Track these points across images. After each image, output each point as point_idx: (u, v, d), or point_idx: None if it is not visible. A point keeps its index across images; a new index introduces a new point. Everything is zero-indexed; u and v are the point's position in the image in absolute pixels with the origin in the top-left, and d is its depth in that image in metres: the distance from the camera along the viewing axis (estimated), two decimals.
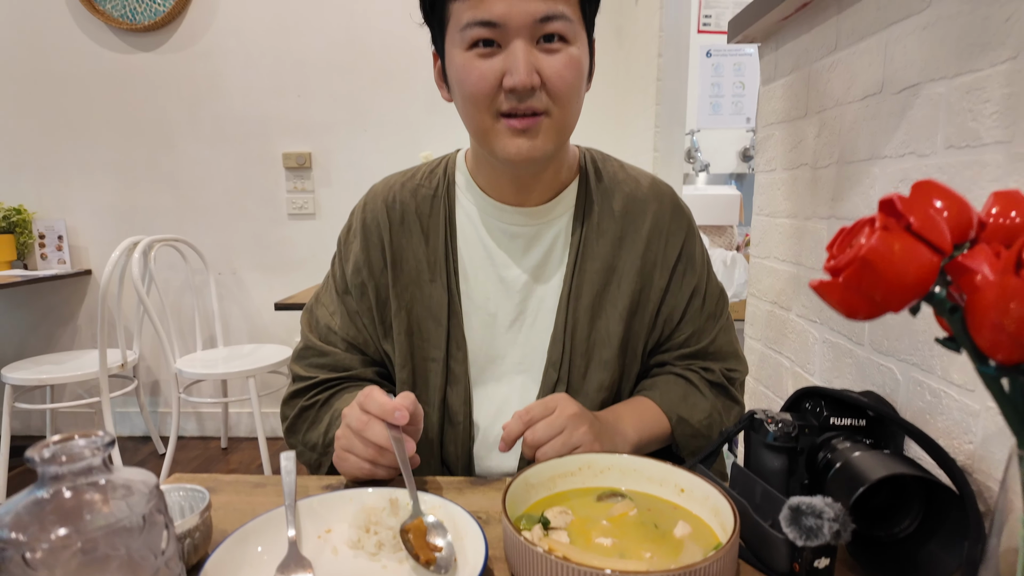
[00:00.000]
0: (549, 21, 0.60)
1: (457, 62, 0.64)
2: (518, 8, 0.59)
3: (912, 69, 0.62)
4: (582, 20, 0.64)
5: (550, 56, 0.62)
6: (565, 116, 0.65)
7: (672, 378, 0.77)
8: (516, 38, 0.60)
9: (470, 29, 0.61)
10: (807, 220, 0.87)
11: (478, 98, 0.63)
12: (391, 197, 0.78)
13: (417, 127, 2.58)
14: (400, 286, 0.76)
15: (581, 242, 0.75)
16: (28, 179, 2.66)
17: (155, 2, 2.53)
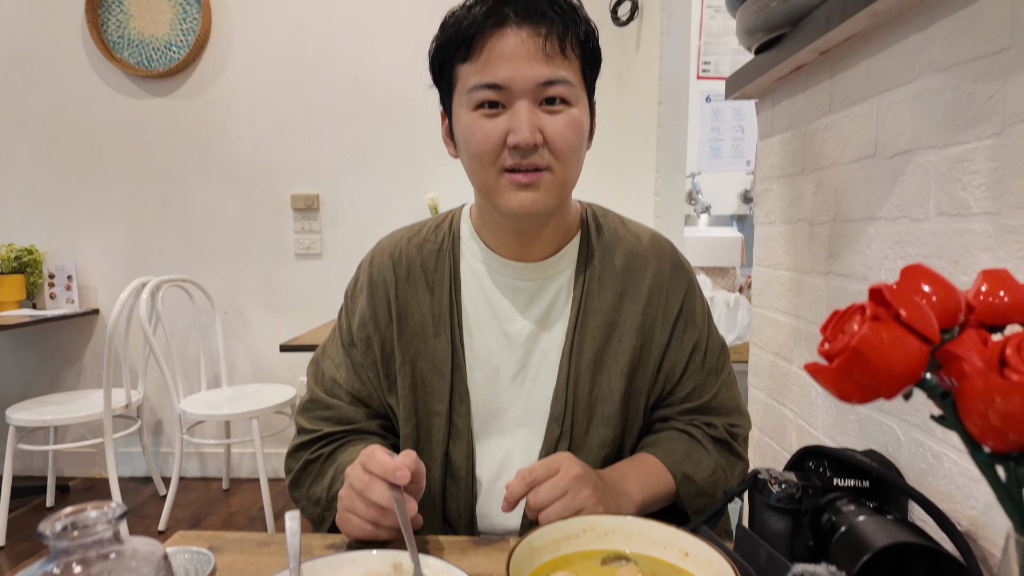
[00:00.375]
0: (551, 85, 0.64)
1: (464, 121, 0.67)
2: (522, 73, 0.63)
3: (903, 137, 0.65)
4: (583, 84, 0.68)
5: (552, 116, 0.65)
6: (566, 173, 0.68)
7: (675, 434, 0.77)
8: (520, 100, 0.64)
9: (477, 91, 0.65)
10: (806, 274, 0.88)
11: (483, 155, 0.66)
12: (397, 252, 0.80)
13: (422, 170, 2.63)
14: (405, 340, 0.77)
15: (583, 297, 0.76)
16: (42, 220, 2.71)
17: (170, 50, 2.61)
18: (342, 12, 2.58)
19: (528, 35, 0.63)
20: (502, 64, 0.63)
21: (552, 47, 0.63)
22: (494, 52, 0.63)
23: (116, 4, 2.61)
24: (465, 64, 0.66)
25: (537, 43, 0.63)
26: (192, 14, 2.59)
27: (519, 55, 0.63)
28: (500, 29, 0.63)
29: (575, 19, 0.65)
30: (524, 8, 0.63)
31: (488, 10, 0.63)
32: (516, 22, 0.63)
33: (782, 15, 0.83)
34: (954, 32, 0.57)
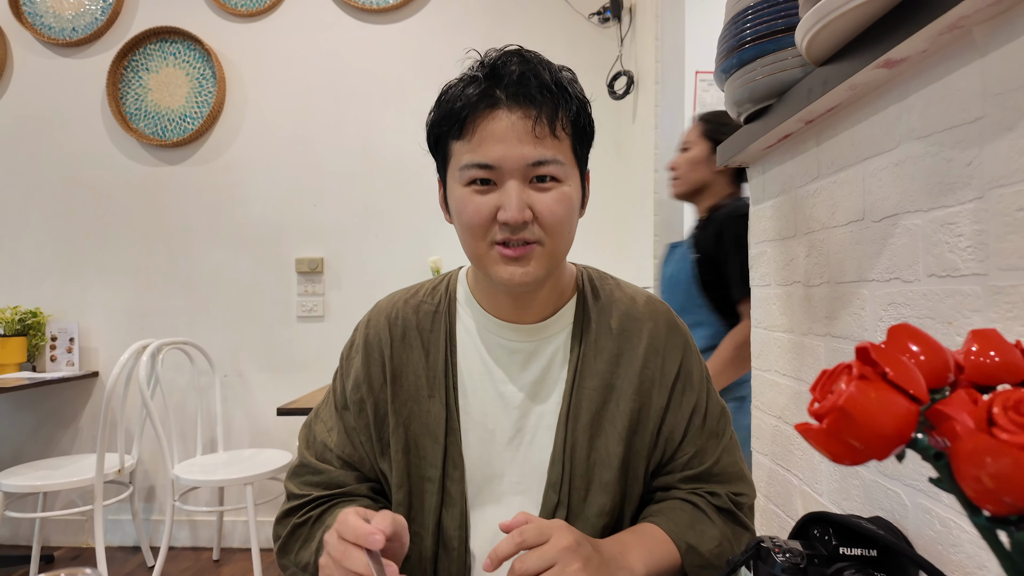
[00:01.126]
0: (541, 165, 0.66)
1: (456, 194, 0.69)
2: (512, 153, 0.65)
3: (889, 201, 0.66)
4: (574, 159, 0.70)
5: (542, 193, 0.67)
6: (556, 245, 0.69)
7: (678, 503, 0.75)
8: (510, 178, 0.66)
9: (469, 169, 0.67)
10: (804, 336, 0.88)
11: (474, 228, 0.68)
12: (394, 314, 0.80)
13: (426, 233, 2.68)
14: (399, 402, 0.76)
15: (579, 360, 0.76)
16: (49, 282, 2.75)
17: (184, 121, 2.72)
18: (350, 84, 2.69)
19: (518, 117, 0.65)
20: (493, 145, 0.65)
21: (542, 128, 0.65)
22: (485, 133, 0.65)
23: (136, 78, 2.73)
24: (458, 141, 0.67)
25: (527, 125, 0.65)
26: (207, 88, 2.71)
27: (509, 137, 0.65)
28: (492, 111, 0.65)
29: (566, 99, 0.67)
30: (515, 91, 0.65)
31: (481, 92, 0.65)
32: (507, 105, 0.65)
33: (767, 87, 0.87)
34: (929, 103, 0.59)
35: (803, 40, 0.66)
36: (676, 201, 1.99)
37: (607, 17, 2.56)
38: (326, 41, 2.70)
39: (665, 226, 1.97)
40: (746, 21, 0.89)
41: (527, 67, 0.66)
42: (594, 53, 2.57)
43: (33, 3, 2.74)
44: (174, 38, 2.72)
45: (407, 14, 2.69)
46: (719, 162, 1.11)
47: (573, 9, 2.62)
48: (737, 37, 0.90)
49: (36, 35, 2.72)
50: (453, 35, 2.68)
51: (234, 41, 2.72)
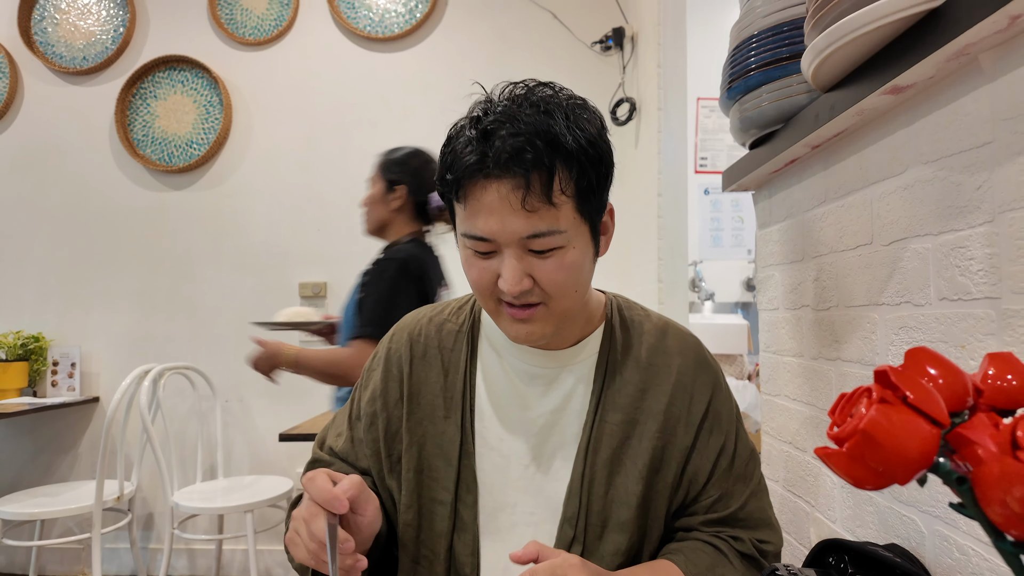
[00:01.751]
0: (536, 238, 0.61)
1: (461, 253, 0.68)
2: (505, 227, 0.61)
3: (898, 225, 0.66)
4: (579, 218, 0.64)
5: (543, 260, 0.63)
6: (562, 304, 0.66)
7: (700, 544, 0.71)
8: (507, 248, 0.63)
9: (465, 239, 0.65)
10: (814, 360, 0.87)
11: (480, 290, 0.67)
12: (417, 330, 0.80)
13: None
14: (414, 421, 0.75)
15: (603, 391, 0.73)
16: (53, 307, 2.75)
17: (191, 147, 2.75)
18: (355, 111, 2.73)
19: (509, 189, 0.60)
20: (486, 217, 0.61)
21: (534, 201, 0.60)
22: (478, 204, 0.62)
23: (144, 106, 2.77)
24: (458, 203, 0.65)
25: (517, 198, 0.60)
26: (214, 114, 2.74)
27: (500, 210, 0.61)
28: (484, 181, 0.61)
29: (564, 157, 0.61)
30: (504, 158, 0.59)
31: (473, 160, 0.61)
32: (496, 175, 0.60)
33: (774, 113, 0.88)
34: (937, 128, 0.60)
35: (810, 67, 0.67)
36: (680, 225, 2.00)
37: (609, 46, 2.60)
38: (332, 69, 2.75)
39: (670, 251, 1.98)
40: (750, 49, 0.91)
41: (515, 133, 0.60)
42: (596, 80, 2.61)
43: (45, 33, 2.79)
44: (183, 66, 2.77)
45: (412, 43, 2.74)
46: (723, 187, 1.11)
47: (576, 38, 2.67)
48: (742, 64, 0.91)
49: (47, 64, 2.77)
50: (457, 64, 2.72)
51: (241, 69, 2.76)
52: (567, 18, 2.67)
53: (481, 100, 0.68)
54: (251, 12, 2.75)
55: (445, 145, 0.67)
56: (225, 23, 2.75)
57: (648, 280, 2.09)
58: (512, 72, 2.86)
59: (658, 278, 1.99)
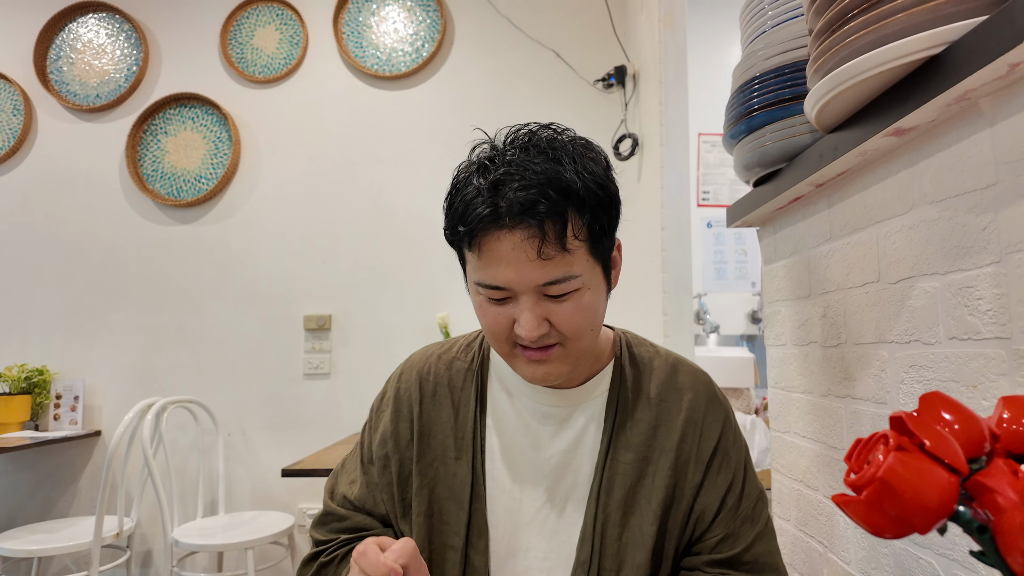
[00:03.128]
0: (553, 285, 0.62)
1: (475, 301, 0.68)
2: (521, 277, 0.61)
3: (904, 264, 0.67)
4: (592, 259, 0.64)
5: (559, 304, 0.63)
6: (578, 345, 0.66)
7: None
8: (523, 295, 0.63)
9: (479, 287, 0.65)
10: (823, 397, 0.87)
11: (494, 334, 0.67)
12: (426, 369, 0.79)
13: (435, 289, 2.69)
14: (425, 462, 0.74)
15: (614, 429, 0.73)
16: (57, 340, 2.75)
17: (199, 182, 2.79)
18: (362, 147, 2.77)
19: (523, 238, 0.60)
20: (501, 267, 0.61)
21: (550, 249, 0.60)
22: (492, 254, 0.62)
23: (154, 141, 2.82)
24: (469, 252, 0.64)
25: (533, 247, 0.60)
26: (223, 150, 2.79)
27: (515, 260, 0.60)
28: (497, 232, 0.61)
29: (576, 202, 0.61)
30: (518, 209, 0.59)
31: (486, 212, 0.60)
32: (510, 225, 0.60)
33: (778, 152, 0.89)
34: (941, 169, 0.60)
35: (813, 109, 0.69)
36: (684, 258, 2.01)
37: (611, 83, 2.65)
38: (340, 107, 2.80)
39: (674, 284, 1.98)
40: (753, 90, 0.92)
41: (531, 189, 0.60)
42: (599, 117, 2.65)
43: (60, 72, 2.86)
44: (193, 103, 2.82)
45: (418, 81, 2.79)
46: (728, 223, 1.12)
47: (578, 76, 2.72)
48: (745, 105, 0.93)
49: (61, 101, 2.83)
50: (462, 101, 2.77)
51: (251, 106, 2.82)
52: (570, 57, 2.73)
53: (485, 146, 0.68)
54: (261, 51, 2.82)
55: (452, 194, 0.66)
56: (236, 62, 2.81)
57: (653, 313, 2.09)
58: (516, 109, 2.95)
59: (663, 311, 1.99)
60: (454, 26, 2.80)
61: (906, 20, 0.56)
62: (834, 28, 0.64)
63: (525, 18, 2.77)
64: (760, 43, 0.94)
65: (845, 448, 0.81)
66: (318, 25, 2.81)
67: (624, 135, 2.47)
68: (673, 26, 2.07)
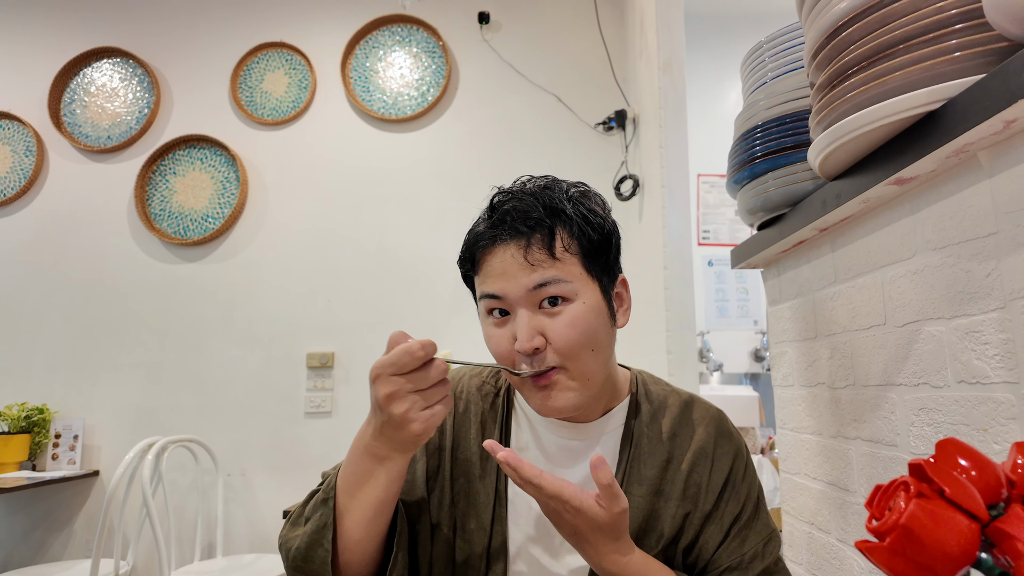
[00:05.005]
0: (543, 287, 0.66)
1: (483, 329, 0.72)
2: (512, 284, 0.67)
3: (910, 308, 0.68)
4: (586, 274, 0.69)
5: (553, 318, 0.67)
6: (581, 367, 0.68)
7: None
8: (519, 307, 0.67)
9: (484, 300, 0.70)
10: (833, 439, 0.87)
11: (501, 359, 0.70)
12: (460, 387, 0.82)
13: (437, 326, 2.70)
14: (452, 475, 0.77)
15: (628, 464, 0.75)
16: (60, 378, 2.75)
17: (206, 221, 2.82)
18: (368, 187, 2.82)
19: (514, 250, 0.67)
20: (496, 277, 0.68)
21: (536, 255, 0.67)
22: (489, 267, 0.69)
23: (163, 182, 2.87)
24: (476, 276, 0.72)
25: (521, 254, 0.67)
26: (230, 190, 2.83)
27: (508, 269, 0.67)
28: (492, 247, 0.69)
29: (564, 220, 0.68)
30: (511, 225, 0.68)
31: (484, 231, 0.70)
32: (504, 239, 0.68)
33: (780, 198, 0.92)
34: (942, 218, 0.63)
35: (816, 159, 0.71)
36: (687, 297, 2.03)
37: (611, 126, 2.72)
38: (345, 148, 2.86)
39: (678, 322, 1.99)
40: (756, 138, 0.96)
41: (519, 203, 0.69)
42: (600, 158, 2.71)
43: (74, 114, 2.93)
44: (202, 144, 2.88)
45: (423, 124, 2.86)
46: (732, 265, 1.14)
47: (579, 119, 2.79)
48: (748, 152, 0.96)
49: (73, 142, 2.88)
50: (466, 143, 2.83)
51: (259, 147, 2.88)
52: (571, 101, 2.80)
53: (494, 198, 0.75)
54: (270, 95, 2.89)
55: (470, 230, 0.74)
56: (245, 104, 2.89)
57: (657, 351, 2.09)
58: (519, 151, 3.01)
59: (667, 349, 2.00)
60: (458, 71, 2.88)
61: (903, 78, 0.59)
62: (835, 83, 0.67)
63: (528, 64, 2.85)
64: (761, 93, 0.97)
65: (857, 490, 0.82)
66: (326, 70, 2.89)
67: (625, 176, 2.52)
68: (672, 73, 2.13)
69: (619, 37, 2.82)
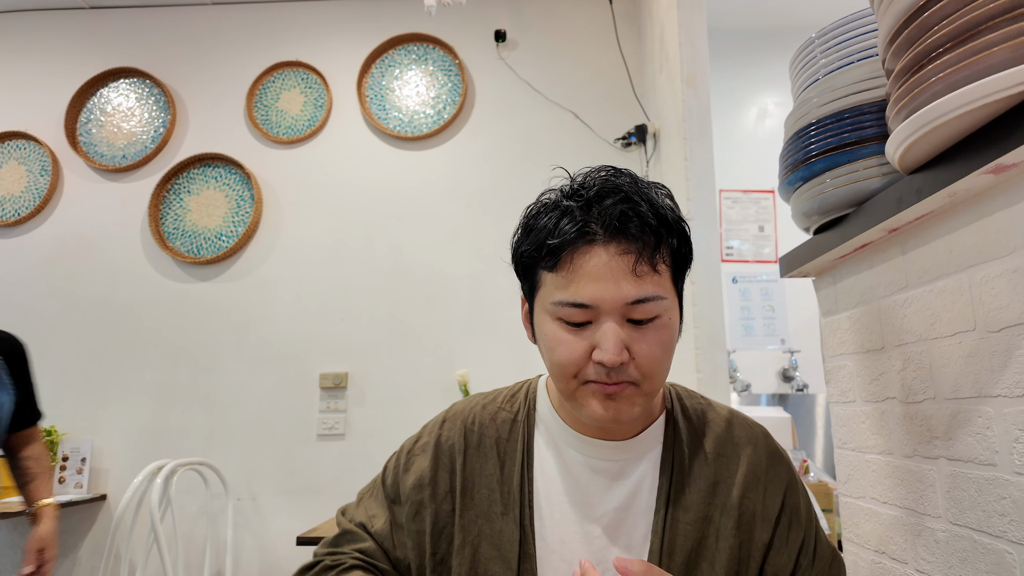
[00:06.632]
0: (642, 304, 0.60)
1: (546, 329, 0.64)
2: (610, 294, 0.59)
3: (1010, 310, 0.62)
4: (674, 290, 0.64)
5: (641, 333, 0.61)
6: (653, 385, 0.63)
7: None
8: (607, 318, 0.60)
9: (561, 307, 0.62)
10: (908, 459, 0.80)
11: (567, 367, 0.63)
12: (471, 419, 0.75)
13: (453, 347, 2.63)
14: (468, 518, 0.69)
15: (671, 487, 0.69)
16: (69, 399, 2.69)
17: (220, 239, 2.79)
18: (383, 206, 2.78)
19: (616, 254, 0.60)
20: (589, 284, 0.60)
21: (642, 267, 0.60)
22: (581, 271, 0.60)
23: (177, 200, 2.85)
24: (550, 273, 0.63)
25: (627, 262, 0.60)
26: (245, 208, 2.81)
27: (607, 275, 0.59)
28: (589, 247, 0.60)
29: (667, 230, 0.62)
30: (613, 227, 0.60)
31: (577, 227, 0.61)
32: (603, 241, 0.60)
33: (838, 199, 0.86)
34: None
35: (896, 151, 0.66)
36: (716, 313, 1.96)
37: (631, 142, 2.68)
38: (361, 166, 2.83)
39: (707, 340, 1.92)
40: (811, 136, 0.90)
41: (627, 203, 0.61)
42: None
43: (89, 133, 2.92)
44: (217, 163, 2.86)
45: (439, 142, 2.83)
46: (782, 274, 1.08)
47: (597, 136, 2.76)
48: (803, 151, 0.90)
49: (88, 162, 2.87)
50: (483, 161, 2.80)
51: (274, 166, 2.85)
52: (588, 117, 2.77)
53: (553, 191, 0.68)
54: (286, 113, 2.88)
55: (529, 220, 0.66)
56: (260, 123, 2.87)
57: (686, 371, 2.02)
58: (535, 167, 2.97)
59: (696, 368, 1.92)
60: (475, 89, 2.86)
61: (1009, 51, 0.53)
62: (920, 65, 0.62)
63: (544, 82, 2.83)
64: (814, 91, 0.92)
65: (940, 515, 0.74)
66: (342, 89, 2.88)
67: None
68: (696, 85, 2.10)
69: (637, 52, 2.80)
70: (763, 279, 2.63)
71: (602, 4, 2.82)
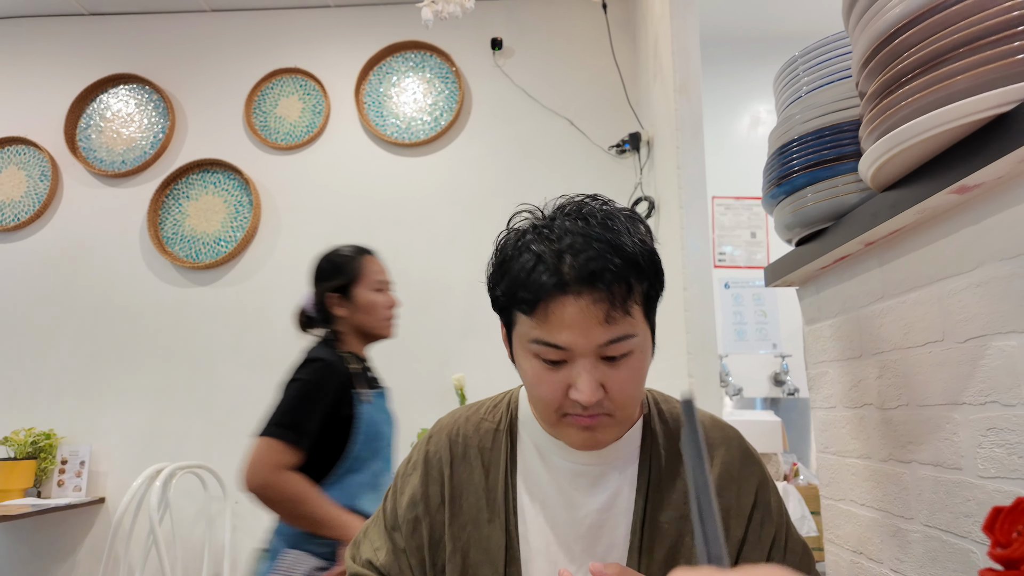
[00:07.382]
0: (614, 343, 0.62)
1: (526, 365, 0.67)
2: (584, 338, 0.61)
3: (975, 322, 0.65)
4: (645, 318, 0.66)
5: (615, 370, 0.64)
6: (627, 412, 0.67)
7: None
8: (582, 358, 0.63)
9: (537, 345, 0.64)
10: (884, 463, 0.83)
11: (549, 403, 0.66)
12: (455, 431, 0.78)
13: (449, 351, 2.66)
14: (457, 526, 0.72)
15: (649, 488, 0.72)
16: (67, 403, 2.71)
17: (218, 244, 2.81)
18: (380, 211, 2.81)
19: (589, 302, 0.61)
20: (564, 330, 0.62)
21: (615, 313, 0.61)
22: (554, 316, 0.62)
23: (176, 205, 2.87)
24: (528, 317, 0.64)
25: (600, 311, 0.61)
26: (243, 213, 2.83)
27: (581, 323, 0.61)
28: (561, 296, 0.61)
29: (639, 272, 0.63)
30: (584, 274, 0.61)
31: (551, 280, 0.61)
32: (576, 290, 0.61)
33: (819, 213, 0.89)
34: (1012, 226, 0.60)
35: (870, 169, 0.69)
36: (708, 318, 1.99)
37: (625, 149, 2.72)
38: (358, 172, 2.86)
39: (699, 344, 1.95)
40: (793, 152, 0.93)
41: (598, 257, 0.61)
42: (613, 180, 2.70)
43: (89, 139, 2.95)
44: (215, 168, 2.89)
45: (436, 148, 2.87)
46: (767, 283, 1.11)
47: (592, 143, 2.79)
48: (785, 166, 0.94)
49: (88, 167, 2.90)
50: (479, 167, 2.83)
51: (272, 171, 2.88)
52: (584, 125, 2.81)
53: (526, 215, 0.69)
54: (284, 119, 2.91)
55: (504, 260, 0.67)
56: (259, 129, 2.90)
57: (677, 375, 2.05)
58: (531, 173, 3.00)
59: (688, 373, 1.95)
60: (471, 96, 2.89)
61: (969, 80, 0.57)
62: (890, 90, 0.65)
63: (540, 89, 2.86)
64: (796, 107, 0.95)
65: (913, 516, 0.77)
66: (340, 95, 2.91)
67: (640, 198, 2.51)
68: (688, 94, 2.13)
69: (631, 61, 2.84)
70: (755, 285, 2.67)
71: (597, 13, 2.86)
